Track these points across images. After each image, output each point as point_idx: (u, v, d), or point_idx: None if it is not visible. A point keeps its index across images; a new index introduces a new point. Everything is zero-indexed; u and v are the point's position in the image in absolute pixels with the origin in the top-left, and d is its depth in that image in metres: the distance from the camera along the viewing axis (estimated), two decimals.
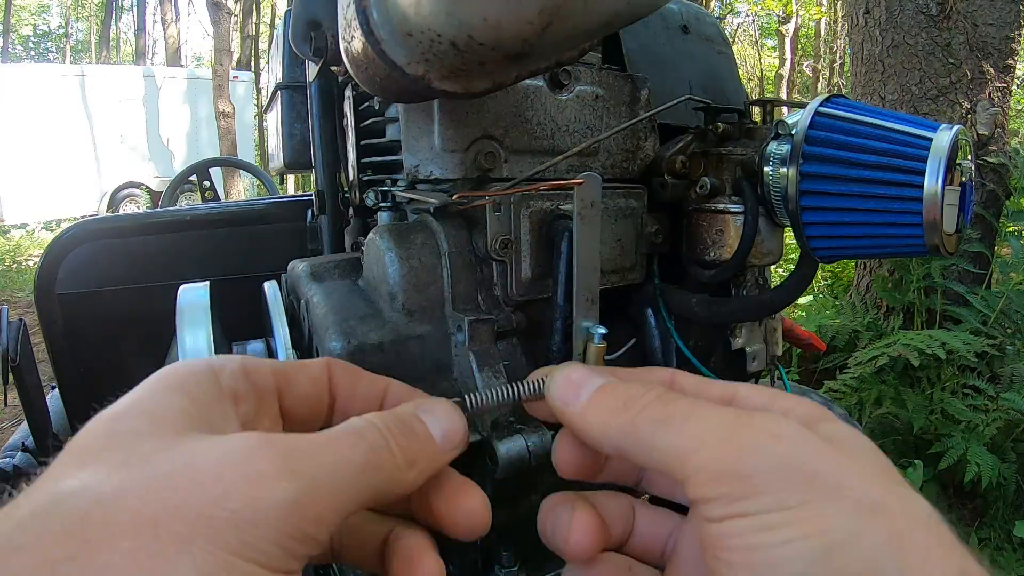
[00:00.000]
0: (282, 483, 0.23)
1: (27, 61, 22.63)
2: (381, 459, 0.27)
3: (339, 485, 0.25)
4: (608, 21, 0.37)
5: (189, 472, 0.22)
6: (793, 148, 0.58)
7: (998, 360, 2.11)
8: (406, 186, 0.64)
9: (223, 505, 0.22)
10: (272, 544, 0.22)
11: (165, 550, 0.20)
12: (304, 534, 0.23)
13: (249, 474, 0.23)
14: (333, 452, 0.26)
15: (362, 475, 0.26)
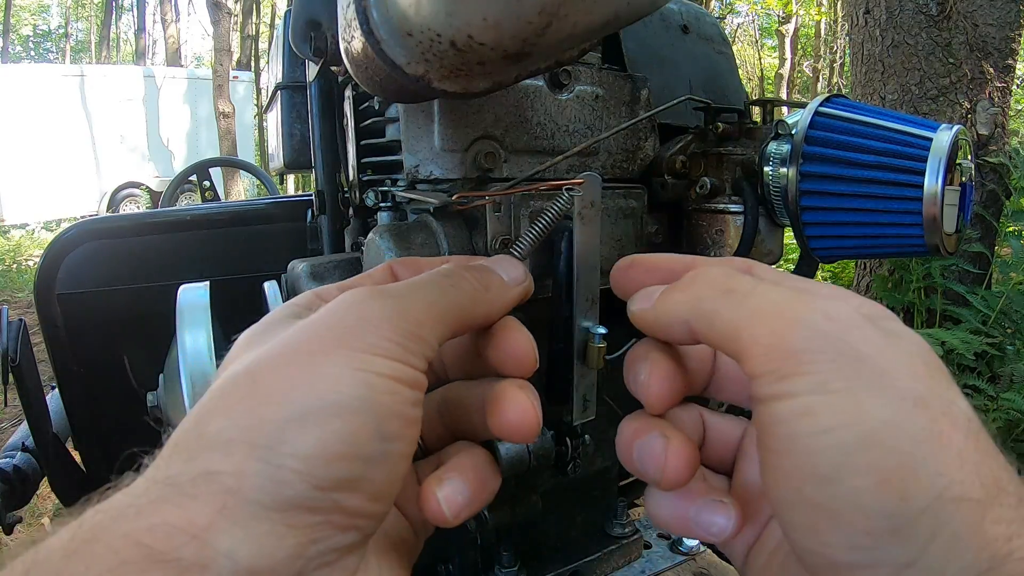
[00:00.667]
0: (381, 301, 0.28)
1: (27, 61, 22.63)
2: (462, 283, 0.33)
3: (430, 299, 0.30)
4: (608, 21, 0.37)
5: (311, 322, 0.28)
6: (793, 148, 0.58)
7: (998, 360, 2.11)
8: (406, 186, 0.64)
9: (342, 326, 0.27)
10: (388, 341, 0.27)
11: (312, 363, 0.25)
12: (411, 333, 0.28)
13: (353, 304, 0.28)
14: (420, 280, 0.32)
15: (448, 293, 0.31)
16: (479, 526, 0.61)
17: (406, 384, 0.26)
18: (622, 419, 0.37)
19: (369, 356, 0.26)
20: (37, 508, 2.53)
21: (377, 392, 0.25)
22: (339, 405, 0.24)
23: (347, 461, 0.24)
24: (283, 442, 0.23)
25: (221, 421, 0.24)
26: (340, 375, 0.25)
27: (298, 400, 0.24)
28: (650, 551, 0.81)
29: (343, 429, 0.24)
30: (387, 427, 0.25)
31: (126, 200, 10.64)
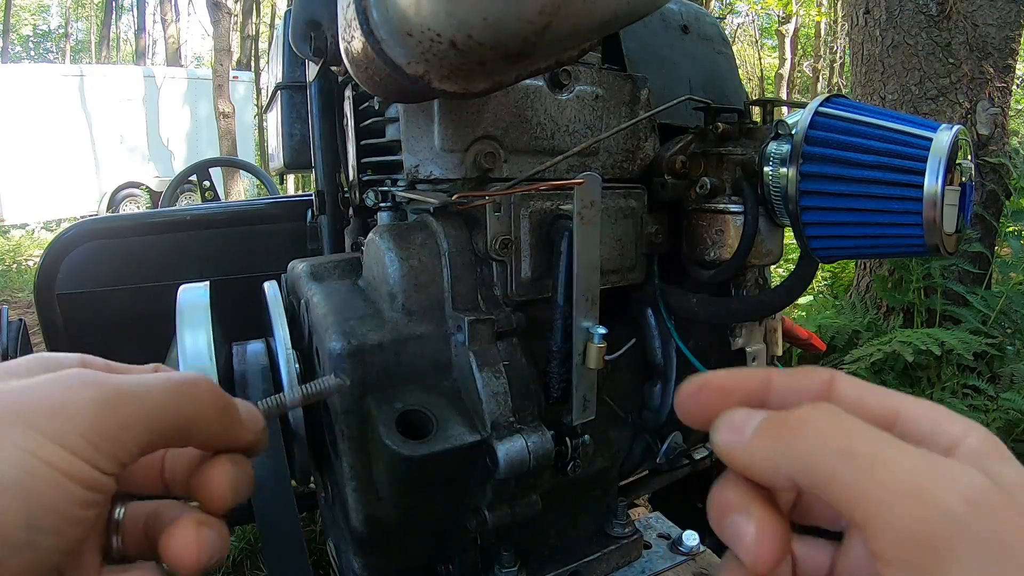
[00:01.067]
0: (95, 390, 0.27)
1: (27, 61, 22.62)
2: (189, 391, 0.31)
3: (145, 400, 0.29)
4: (608, 21, 0.37)
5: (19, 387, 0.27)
6: (793, 148, 0.58)
7: (998, 360, 2.11)
8: (406, 186, 0.64)
9: (40, 403, 0.26)
10: (79, 436, 0.26)
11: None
12: (109, 433, 0.27)
13: (65, 384, 0.27)
14: (146, 377, 0.30)
15: (168, 396, 0.30)
16: (479, 526, 0.61)
17: (80, 483, 0.26)
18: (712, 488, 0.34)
19: (49, 443, 0.25)
20: None
21: (39, 481, 0.24)
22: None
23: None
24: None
25: None
26: (9, 452, 0.24)
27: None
28: (650, 551, 0.81)
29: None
30: (39, 519, 0.24)
31: (126, 200, 10.63)
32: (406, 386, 0.57)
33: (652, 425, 0.79)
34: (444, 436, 0.56)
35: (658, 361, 0.76)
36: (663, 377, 0.76)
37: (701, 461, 1.08)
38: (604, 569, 0.76)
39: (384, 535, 0.61)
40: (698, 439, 0.92)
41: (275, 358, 0.64)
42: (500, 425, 0.57)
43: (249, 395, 0.69)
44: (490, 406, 0.57)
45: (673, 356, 0.75)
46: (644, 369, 0.77)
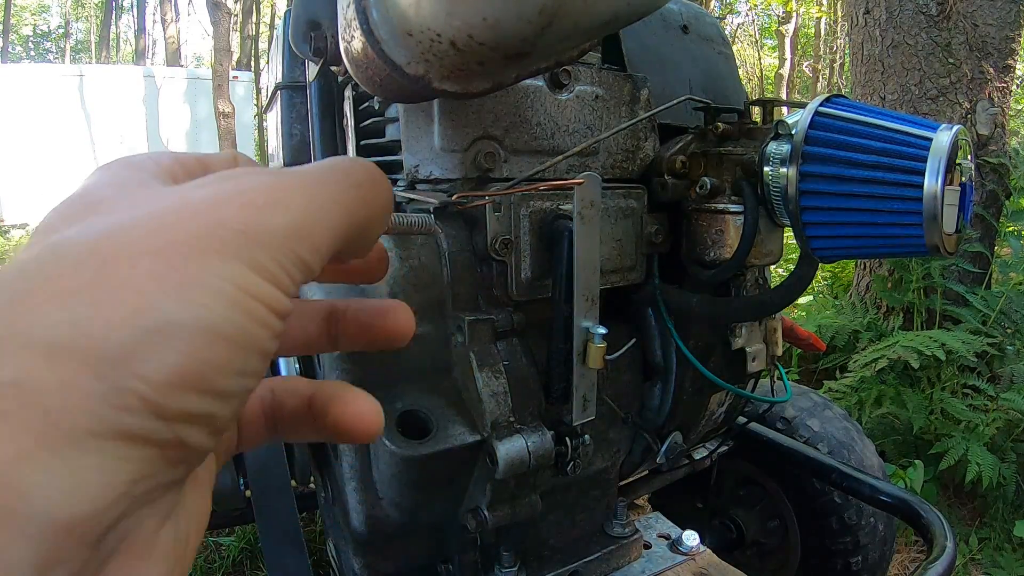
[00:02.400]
0: (280, 211, 0.23)
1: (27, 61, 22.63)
2: (369, 195, 0.27)
3: (333, 217, 0.25)
4: (608, 21, 0.37)
5: (188, 202, 0.22)
6: (793, 148, 0.58)
7: (998, 360, 2.11)
8: (406, 186, 0.64)
9: (229, 226, 0.21)
10: (274, 262, 0.22)
11: (185, 262, 0.20)
12: (300, 259, 0.23)
13: (246, 201, 0.23)
14: (325, 185, 0.26)
15: (349, 209, 0.26)
16: (479, 526, 0.61)
17: (278, 315, 0.22)
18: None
19: (251, 274, 0.21)
20: None
21: (251, 320, 0.21)
22: (212, 329, 0.20)
23: (202, 394, 0.20)
24: (134, 358, 0.18)
25: (50, 314, 0.18)
26: (220, 289, 0.20)
27: (162, 308, 0.19)
28: (650, 551, 0.81)
29: (206, 355, 0.20)
30: (250, 363, 0.21)
31: None
32: (406, 386, 0.57)
33: (652, 425, 0.79)
34: (444, 436, 0.56)
35: (658, 361, 0.76)
36: (663, 377, 0.76)
37: (701, 461, 1.08)
38: (604, 569, 0.76)
39: (384, 535, 0.61)
40: (698, 439, 0.92)
41: (275, 357, 0.64)
42: (500, 425, 0.57)
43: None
44: (490, 406, 0.57)
45: (673, 356, 0.75)
46: (644, 369, 0.77)
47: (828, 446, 1.14)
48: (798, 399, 1.24)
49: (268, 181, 0.24)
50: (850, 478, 0.96)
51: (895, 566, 1.63)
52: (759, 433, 1.09)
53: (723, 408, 0.87)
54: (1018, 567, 1.68)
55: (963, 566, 1.63)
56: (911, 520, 0.88)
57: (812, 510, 1.09)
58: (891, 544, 1.17)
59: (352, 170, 0.27)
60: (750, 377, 0.82)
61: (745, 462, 1.18)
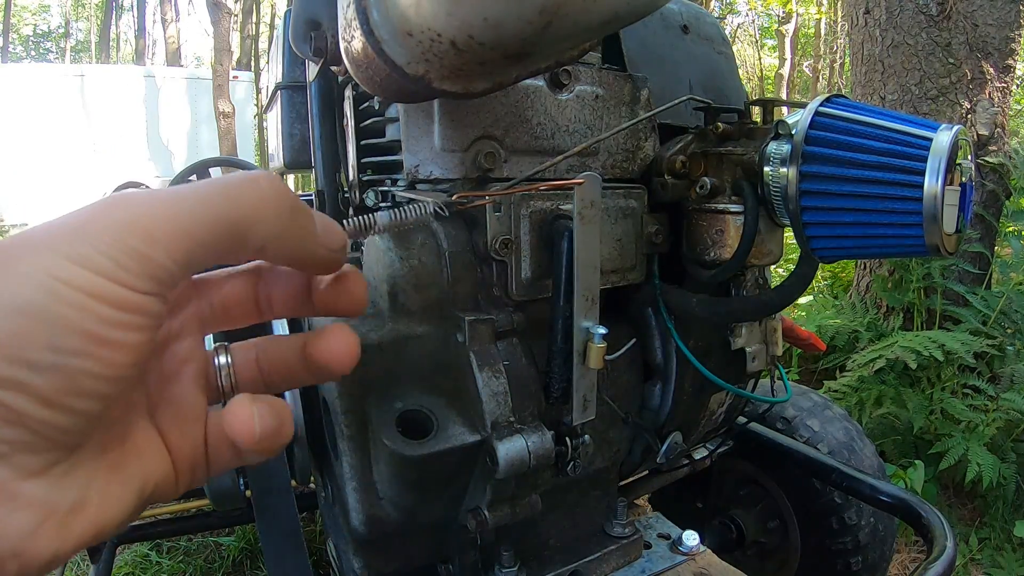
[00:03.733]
0: (113, 210, 0.26)
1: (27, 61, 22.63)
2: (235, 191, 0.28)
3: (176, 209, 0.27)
4: (608, 21, 0.37)
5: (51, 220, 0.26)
6: (793, 148, 0.58)
7: (998, 360, 2.11)
8: (406, 186, 0.64)
9: (61, 229, 0.25)
10: (102, 255, 0.25)
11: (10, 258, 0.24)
12: (137, 251, 0.26)
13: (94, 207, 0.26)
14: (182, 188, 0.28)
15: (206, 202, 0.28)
16: (479, 526, 0.61)
17: (107, 303, 0.25)
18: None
19: (67, 264, 0.24)
20: None
21: (57, 302, 0.24)
22: (12, 307, 0.24)
23: (7, 362, 0.23)
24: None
25: None
26: (28, 276, 0.24)
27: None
28: (650, 551, 0.81)
29: (8, 330, 0.23)
30: (62, 341, 0.24)
31: None
32: (406, 386, 0.57)
33: (652, 425, 0.79)
34: (444, 436, 0.56)
35: (658, 361, 0.76)
36: (663, 377, 0.76)
37: (701, 461, 1.08)
38: (604, 569, 0.76)
39: (384, 535, 0.61)
40: (698, 439, 0.92)
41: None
42: (500, 425, 0.57)
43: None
44: (490, 406, 0.57)
45: (673, 356, 0.75)
46: (644, 369, 0.77)
47: (828, 446, 1.14)
48: (798, 399, 1.24)
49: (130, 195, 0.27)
50: (850, 478, 0.96)
51: (895, 566, 1.63)
52: (759, 433, 1.09)
53: (723, 408, 0.87)
54: (1018, 567, 1.68)
55: (963, 566, 1.63)
56: (911, 520, 0.88)
57: (812, 510, 1.09)
58: (891, 544, 1.17)
59: (228, 178, 0.29)
60: (750, 377, 0.82)
61: (745, 462, 1.18)
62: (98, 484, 0.27)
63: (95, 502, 0.27)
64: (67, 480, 0.26)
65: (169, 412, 0.31)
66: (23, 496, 0.24)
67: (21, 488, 0.24)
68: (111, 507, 0.28)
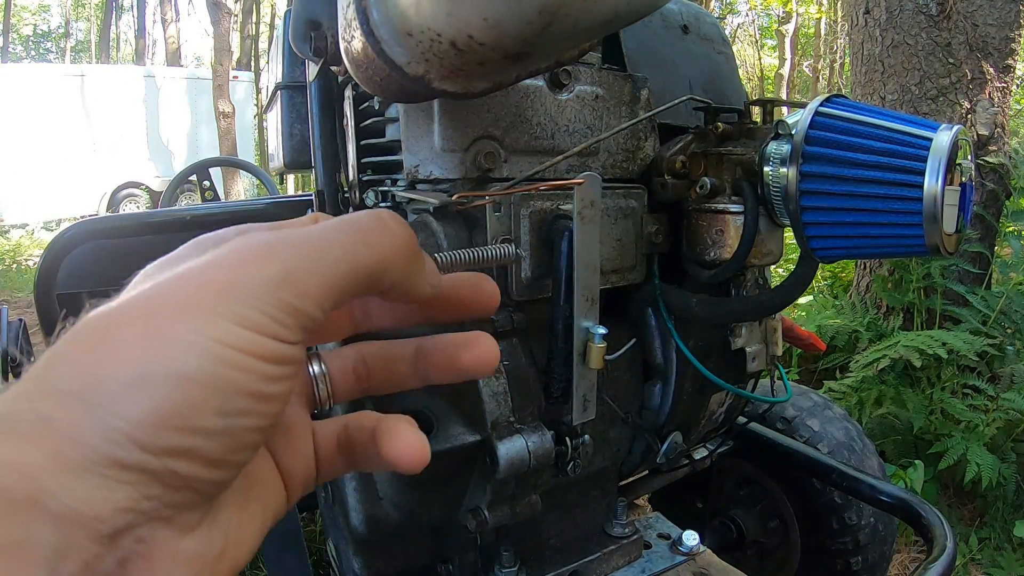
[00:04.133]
0: (264, 264, 0.26)
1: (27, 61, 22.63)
2: (372, 238, 0.29)
3: (324, 260, 0.27)
4: (608, 21, 0.37)
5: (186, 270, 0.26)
6: (793, 148, 0.58)
7: (998, 360, 2.11)
8: (406, 186, 0.64)
9: (212, 286, 0.25)
10: (258, 312, 0.25)
11: (166, 322, 0.24)
12: (290, 305, 0.26)
13: (234, 261, 0.26)
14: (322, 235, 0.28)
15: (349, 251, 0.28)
16: (479, 526, 0.61)
17: (268, 360, 0.25)
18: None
19: (229, 325, 0.24)
20: None
21: (226, 367, 0.24)
22: (179, 375, 0.23)
23: (179, 432, 0.23)
24: (115, 403, 0.23)
25: (66, 368, 0.24)
26: (191, 342, 0.24)
27: (137, 361, 0.23)
28: (650, 551, 0.81)
29: (178, 400, 0.23)
30: (231, 404, 0.24)
31: (126, 200, 10.63)
32: None
33: (652, 425, 0.79)
34: (444, 436, 0.56)
35: (658, 361, 0.76)
36: (663, 377, 0.76)
37: (701, 461, 1.08)
38: (604, 569, 0.76)
39: (384, 535, 0.61)
40: (698, 439, 0.92)
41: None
42: (500, 425, 0.57)
43: None
44: (490, 406, 0.57)
45: (673, 356, 0.75)
46: (644, 369, 0.77)
47: (828, 446, 1.14)
48: (798, 399, 1.24)
49: (263, 238, 0.27)
50: (850, 478, 0.96)
51: (895, 566, 1.63)
52: (759, 433, 1.09)
53: (723, 408, 0.87)
54: (1018, 567, 1.68)
55: (963, 566, 1.63)
56: (911, 520, 0.88)
57: (812, 510, 1.09)
58: (891, 544, 1.17)
59: (358, 218, 0.30)
60: (750, 377, 0.82)
61: (745, 462, 1.18)
62: (233, 524, 0.28)
63: (232, 542, 0.27)
64: (214, 529, 0.26)
65: (280, 435, 0.32)
66: (183, 553, 0.25)
67: (181, 546, 0.25)
68: (244, 544, 0.28)
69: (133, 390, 0.23)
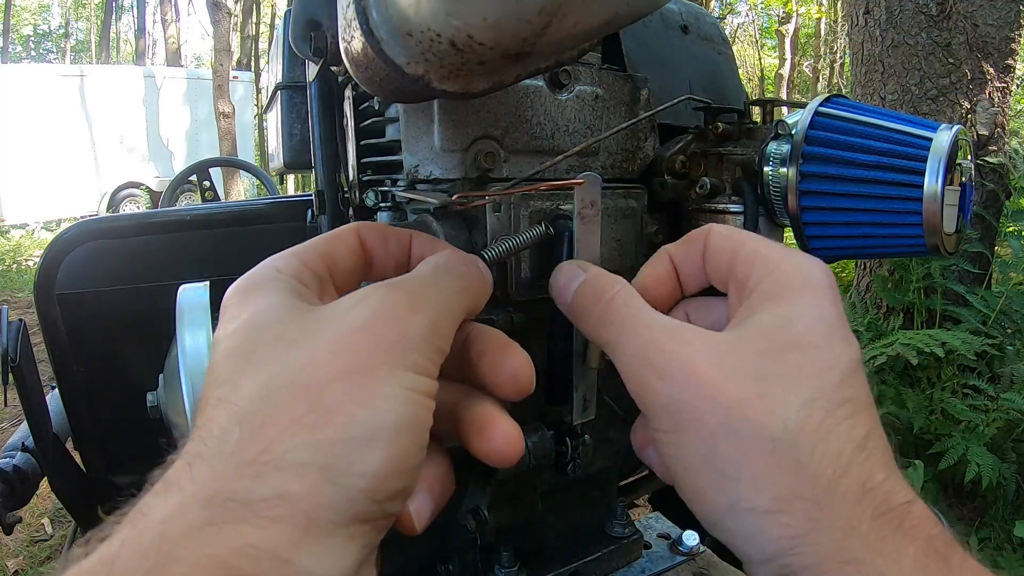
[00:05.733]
0: (418, 317, 0.30)
1: (27, 61, 22.63)
2: (471, 283, 0.35)
3: (452, 308, 0.33)
4: (608, 21, 0.37)
5: (349, 327, 0.29)
6: (793, 148, 0.58)
7: (998, 360, 2.11)
8: (406, 186, 0.64)
9: (386, 341, 0.28)
10: (423, 358, 0.29)
11: (366, 380, 0.27)
12: (438, 348, 0.31)
13: (392, 315, 0.29)
14: (440, 286, 0.33)
15: (460, 297, 0.34)
16: (479, 526, 0.61)
17: (432, 396, 0.29)
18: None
19: (413, 375, 0.28)
20: (37, 508, 2.53)
21: (420, 410, 0.28)
22: (397, 426, 0.26)
23: (401, 475, 0.27)
24: (352, 463, 0.25)
25: (288, 441, 0.25)
26: (393, 395, 0.27)
27: (363, 421, 0.26)
28: (650, 551, 0.81)
29: (400, 447, 0.26)
30: (424, 440, 0.28)
31: (126, 200, 10.64)
32: None
33: None
34: None
35: None
36: None
37: None
38: (604, 569, 0.76)
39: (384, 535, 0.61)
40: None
41: None
42: None
43: None
44: None
45: None
46: None
47: None
48: None
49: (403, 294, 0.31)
50: None
51: None
52: None
53: None
54: (1018, 567, 1.68)
55: None
56: None
57: None
58: None
59: (452, 265, 0.35)
60: None
61: None
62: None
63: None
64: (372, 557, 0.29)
65: None
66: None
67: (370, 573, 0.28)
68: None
69: (366, 449, 0.25)
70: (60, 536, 2.35)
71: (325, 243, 0.37)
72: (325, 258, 0.36)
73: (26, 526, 2.41)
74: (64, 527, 2.38)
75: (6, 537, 2.30)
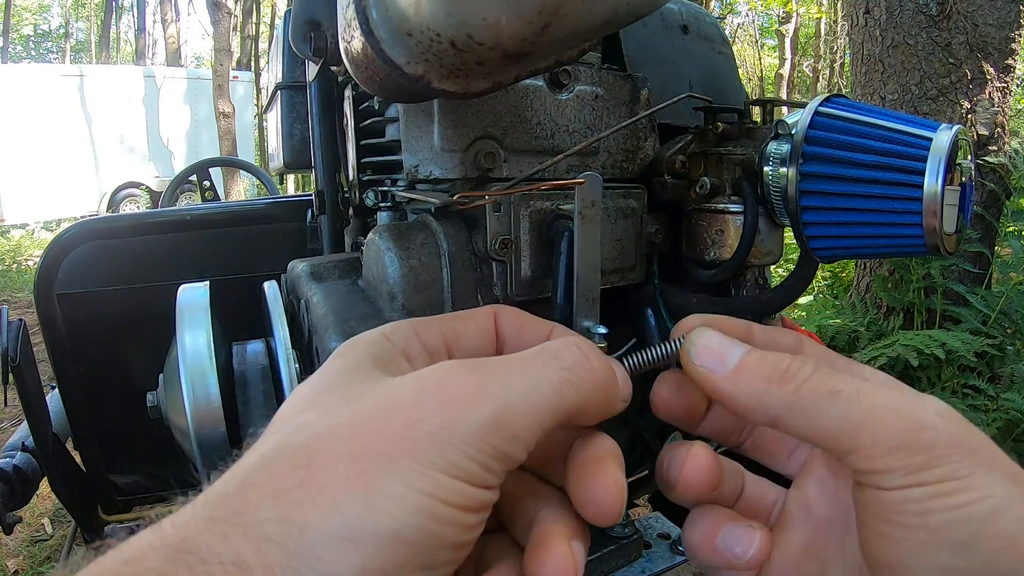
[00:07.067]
0: (477, 406, 0.24)
1: (27, 61, 22.64)
2: (577, 376, 0.28)
3: (538, 405, 0.26)
4: (608, 20, 0.37)
5: (388, 402, 0.24)
6: (793, 148, 0.58)
7: (998, 360, 2.11)
8: (406, 186, 0.64)
9: (422, 428, 0.23)
10: (471, 461, 0.23)
11: (375, 470, 0.22)
12: (501, 452, 0.24)
13: (444, 399, 0.24)
14: (527, 372, 0.27)
15: (558, 393, 0.27)
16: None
17: (473, 511, 0.24)
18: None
19: (442, 477, 0.23)
20: (37, 508, 2.53)
21: (438, 524, 0.23)
22: (393, 534, 0.22)
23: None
24: (319, 559, 0.21)
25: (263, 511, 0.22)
26: (402, 496, 0.22)
27: (348, 515, 0.22)
28: (650, 551, 0.81)
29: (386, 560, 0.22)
30: (435, 558, 0.23)
31: (126, 200, 10.64)
32: None
33: (652, 425, 0.79)
34: None
35: None
36: None
37: None
38: (604, 569, 0.76)
39: None
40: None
41: (275, 358, 0.64)
42: None
43: (249, 395, 0.69)
44: None
45: None
46: None
47: None
48: None
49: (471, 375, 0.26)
50: None
51: None
52: None
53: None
54: None
55: None
56: None
57: None
58: None
59: (561, 352, 0.29)
60: None
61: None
62: None
63: None
64: None
65: None
66: None
67: None
68: None
69: (341, 547, 0.21)
70: (60, 536, 2.35)
71: (452, 318, 0.33)
72: (446, 333, 0.32)
73: (26, 526, 2.41)
74: (64, 527, 2.38)
75: (6, 537, 2.30)
